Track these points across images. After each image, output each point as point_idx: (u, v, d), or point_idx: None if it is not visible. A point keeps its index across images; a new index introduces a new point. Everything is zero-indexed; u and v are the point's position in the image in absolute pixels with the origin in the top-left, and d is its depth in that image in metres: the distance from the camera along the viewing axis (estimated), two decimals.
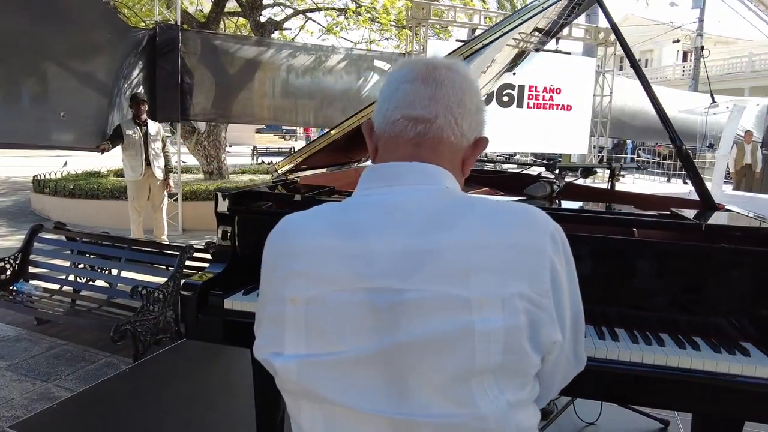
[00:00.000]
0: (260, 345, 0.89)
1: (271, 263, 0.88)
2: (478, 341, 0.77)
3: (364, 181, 0.91)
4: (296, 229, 0.88)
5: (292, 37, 11.55)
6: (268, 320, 0.88)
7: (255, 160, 16.47)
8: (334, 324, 0.80)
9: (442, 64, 0.92)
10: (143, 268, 4.14)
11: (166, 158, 6.08)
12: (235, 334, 1.77)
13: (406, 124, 0.89)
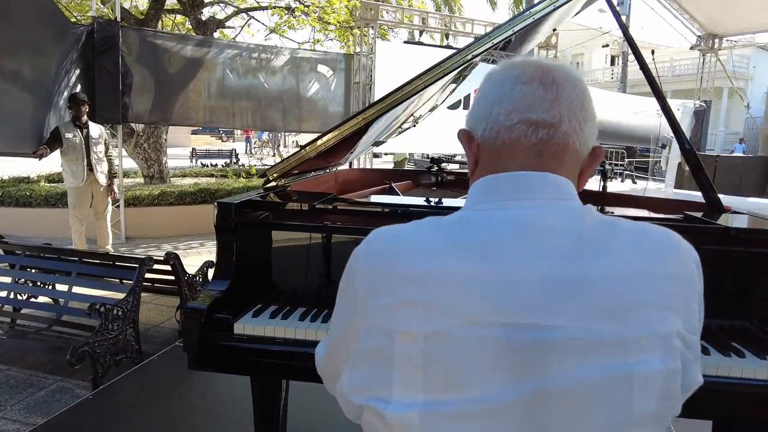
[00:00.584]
0: (353, 386, 0.75)
1: (369, 288, 0.75)
2: (637, 387, 0.67)
3: (482, 192, 0.80)
4: (406, 249, 0.75)
5: (233, 37, 11.18)
6: (364, 356, 0.74)
7: (194, 163, 15.86)
8: (462, 366, 0.67)
9: (554, 66, 0.81)
10: (93, 283, 3.83)
11: (110, 162, 5.68)
12: (248, 363, 1.59)
13: (525, 129, 0.78)
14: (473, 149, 0.84)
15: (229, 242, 1.70)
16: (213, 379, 3.17)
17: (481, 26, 10.47)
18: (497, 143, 0.80)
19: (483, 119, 0.81)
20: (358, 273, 0.77)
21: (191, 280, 4.06)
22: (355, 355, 0.76)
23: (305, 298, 1.74)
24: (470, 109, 0.86)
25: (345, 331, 0.81)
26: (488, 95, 0.82)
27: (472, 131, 0.84)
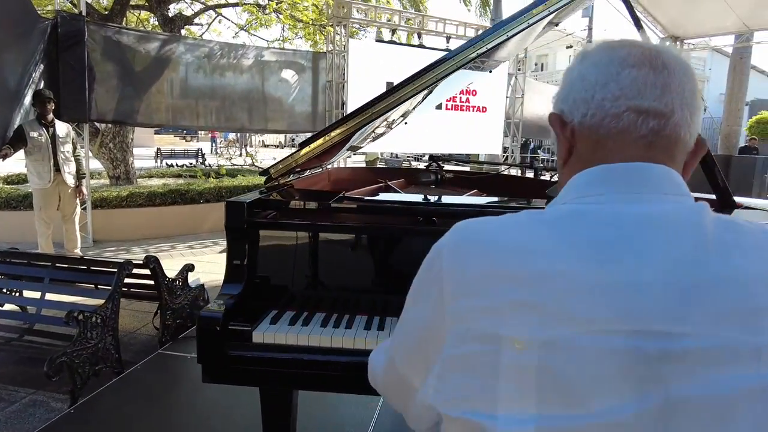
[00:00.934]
0: (444, 396, 0.68)
1: (461, 288, 0.67)
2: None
3: (591, 184, 0.72)
4: (509, 246, 0.67)
5: (200, 34, 10.92)
6: (457, 362, 0.66)
7: (159, 163, 15.43)
8: (581, 377, 0.60)
9: (663, 49, 0.74)
10: (67, 289, 3.64)
11: (78, 162, 5.42)
12: (268, 373, 1.48)
13: (635, 119, 0.71)
14: (566, 135, 0.77)
15: (240, 243, 1.59)
16: (200, 388, 3.03)
17: (452, 26, 10.50)
18: (600, 132, 0.73)
19: (582, 103, 0.74)
20: (445, 271, 0.70)
21: (171, 285, 3.89)
22: (444, 362, 0.68)
23: (321, 302, 1.64)
24: (561, 92, 0.78)
25: (423, 335, 0.73)
26: (588, 77, 0.74)
27: (566, 115, 0.76)
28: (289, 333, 1.46)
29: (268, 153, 17.30)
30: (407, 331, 0.78)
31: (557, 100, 0.79)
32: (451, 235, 0.73)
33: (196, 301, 4.19)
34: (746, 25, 12.16)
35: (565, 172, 0.78)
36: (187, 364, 3.35)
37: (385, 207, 1.78)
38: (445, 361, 0.68)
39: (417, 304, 0.76)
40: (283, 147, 35.00)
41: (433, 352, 0.70)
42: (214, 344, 1.44)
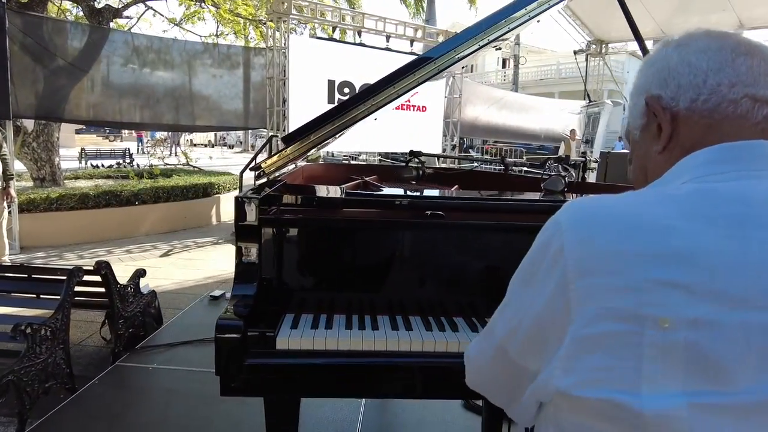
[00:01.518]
0: (579, 377, 0.65)
1: (588, 265, 0.65)
2: None
3: (716, 162, 0.72)
4: (644, 222, 0.65)
5: (129, 27, 10.36)
6: (590, 342, 0.64)
7: (84, 164, 14.51)
8: (729, 355, 0.60)
9: (758, 42, 0.77)
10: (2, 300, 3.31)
11: (3, 162, 4.97)
12: (293, 382, 1.36)
13: (751, 106, 0.72)
14: (663, 118, 0.77)
15: (252, 242, 1.46)
16: (169, 403, 2.83)
17: (392, 25, 10.52)
18: (715, 116, 0.74)
19: (692, 88, 0.75)
20: (567, 249, 0.67)
21: (123, 291, 3.63)
22: (574, 343, 0.65)
23: (336, 303, 1.54)
24: (655, 77, 0.79)
25: (542, 318, 0.70)
26: (697, 63, 0.75)
27: (664, 101, 0.77)
28: (316, 338, 1.35)
29: (199, 152, 16.66)
30: (521, 316, 0.75)
31: (647, 86, 0.80)
32: (568, 212, 0.71)
33: (147, 308, 3.93)
34: (663, 31, 12.90)
35: (663, 158, 0.78)
36: (150, 376, 3.12)
37: (425, 203, 1.68)
38: (575, 341, 0.65)
39: (531, 286, 0.73)
40: (213, 146, 33.92)
41: (555, 333, 0.68)
42: (235, 354, 1.31)
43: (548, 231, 0.72)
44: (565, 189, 2.11)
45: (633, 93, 0.84)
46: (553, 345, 0.68)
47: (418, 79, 1.96)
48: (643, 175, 0.83)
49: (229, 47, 9.74)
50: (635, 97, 0.83)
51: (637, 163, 0.85)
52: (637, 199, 0.69)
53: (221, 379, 1.34)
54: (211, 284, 5.44)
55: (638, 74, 0.84)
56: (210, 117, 9.23)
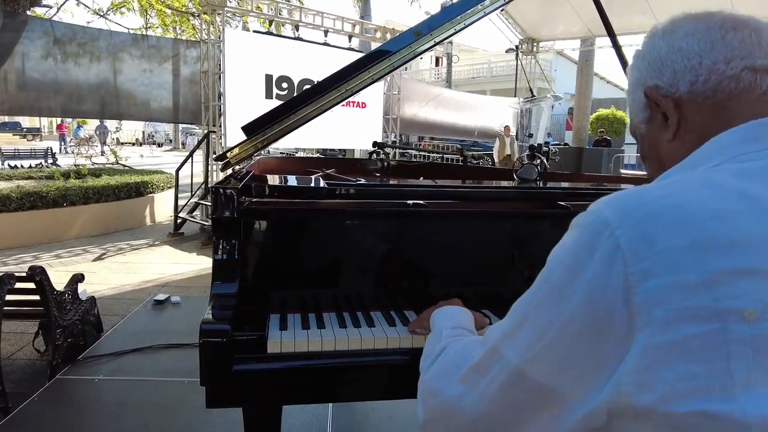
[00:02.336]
0: (660, 392, 0.57)
1: (663, 264, 0.58)
2: None
3: (745, 142, 0.69)
4: (705, 210, 0.60)
5: (49, 16, 9.70)
6: (672, 350, 0.57)
7: (1, 164, 13.46)
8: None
9: (743, 14, 0.77)
10: None
11: None
12: (286, 387, 1.25)
13: (753, 77, 0.71)
14: (666, 106, 0.76)
15: (232, 236, 1.33)
16: (121, 416, 2.61)
17: (330, 19, 10.40)
18: (718, 95, 0.73)
19: (688, 72, 0.74)
20: (625, 249, 0.59)
21: (60, 299, 3.34)
22: (647, 354, 0.58)
23: (324, 299, 1.44)
24: (649, 69, 0.79)
25: (589, 331, 0.62)
26: (688, 47, 0.75)
27: (663, 89, 0.76)
28: (311, 339, 1.25)
29: (128, 151, 15.85)
30: (554, 333, 0.65)
31: (643, 79, 0.80)
32: (614, 207, 0.63)
33: (86, 316, 3.65)
34: (591, 31, 13.48)
35: (676, 145, 0.76)
36: (97, 388, 2.87)
37: (419, 192, 1.60)
38: (648, 351, 0.58)
39: (566, 299, 0.64)
40: (141, 145, 32.45)
41: (609, 347, 0.60)
42: (222, 361, 1.18)
43: (590, 229, 0.64)
44: (537, 178, 2.09)
45: (630, 89, 0.83)
46: (604, 358, 0.61)
47: (392, 63, 1.90)
48: (659, 167, 0.79)
49: (159, 39, 9.33)
50: (633, 93, 0.82)
51: (652, 156, 0.82)
52: (684, 187, 0.64)
53: (207, 390, 1.21)
54: (151, 288, 5.16)
55: (631, 70, 0.83)
56: (137, 111, 8.81)
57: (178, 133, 30.70)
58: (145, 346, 3.38)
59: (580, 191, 1.87)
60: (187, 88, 9.44)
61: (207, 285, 4.61)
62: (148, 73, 8.88)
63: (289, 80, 9.73)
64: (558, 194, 1.77)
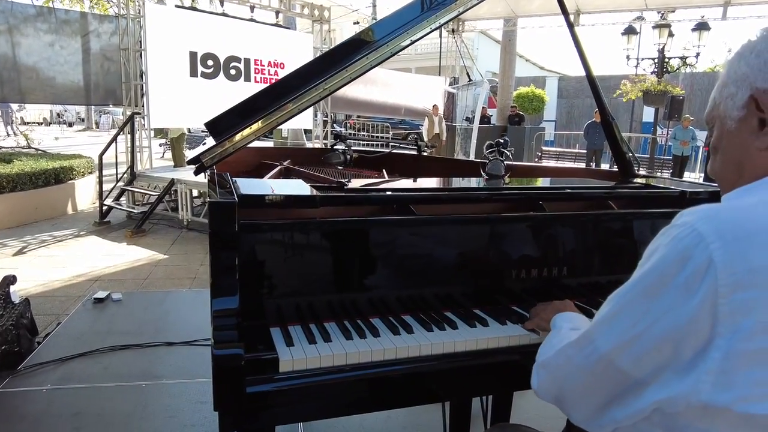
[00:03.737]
0: (740, 394, 0.66)
1: (753, 279, 0.65)
2: None
3: None
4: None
5: None
6: (755, 357, 0.65)
7: None
8: None
9: None
10: None
11: None
12: (303, 405, 1.24)
13: None
14: (750, 107, 0.79)
15: (231, 250, 1.29)
16: (78, 425, 2.48)
17: None
18: None
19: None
20: (719, 263, 0.65)
21: None
22: (730, 358, 0.65)
23: (323, 309, 1.43)
24: (765, 69, 0.77)
25: (675, 331, 0.69)
26: None
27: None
28: (323, 354, 1.23)
29: (38, 132, 14.63)
30: (643, 327, 0.72)
31: (753, 77, 0.79)
32: (710, 223, 0.69)
33: (20, 320, 3.41)
34: (513, 11, 13.82)
35: (766, 155, 0.78)
36: (45, 400, 2.70)
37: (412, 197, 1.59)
38: (732, 356, 0.65)
39: (659, 298, 0.71)
40: (50, 124, 30.13)
41: (691, 346, 0.68)
42: (237, 385, 1.15)
43: (685, 242, 0.69)
44: (505, 173, 2.15)
45: (732, 80, 0.81)
46: (684, 356, 0.68)
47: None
48: (736, 170, 0.82)
49: (67, 11, 8.66)
50: (735, 86, 0.81)
51: (730, 156, 0.83)
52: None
53: (221, 415, 1.17)
54: (83, 283, 4.89)
55: (738, 60, 0.81)
56: (41, 91, 8.18)
57: (90, 112, 28.75)
58: (93, 349, 3.20)
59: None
60: (100, 65, 8.86)
61: (142, 277, 4.47)
62: (55, 49, 8.24)
63: (215, 57, 9.35)
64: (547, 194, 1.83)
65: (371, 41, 1.80)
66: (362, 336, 1.34)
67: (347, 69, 1.69)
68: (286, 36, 11.20)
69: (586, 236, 1.71)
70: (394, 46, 1.77)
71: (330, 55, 1.87)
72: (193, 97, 8.86)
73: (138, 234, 6.69)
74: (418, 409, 2.57)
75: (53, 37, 8.38)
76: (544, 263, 1.62)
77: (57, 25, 8.46)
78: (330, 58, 1.81)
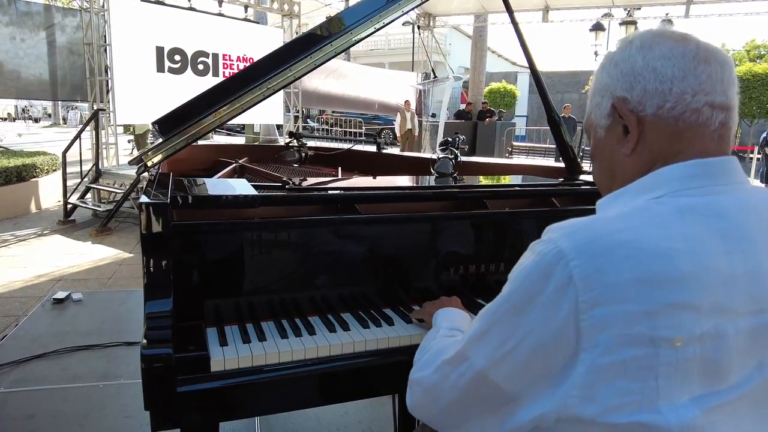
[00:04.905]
0: (605, 405, 0.68)
1: (602, 295, 0.67)
2: None
3: (691, 178, 0.77)
4: (651, 247, 0.69)
5: None
6: (609, 370, 0.68)
7: None
8: (726, 358, 0.70)
9: (711, 44, 0.82)
10: None
11: None
12: (231, 405, 1.26)
13: (710, 113, 0.79)
14: (630, 121, 0.81)
15: (162, 252, 1.30)
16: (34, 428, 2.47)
17: None
18: (679, 124, 0.79)
19: (658, 95, 0.79)
20: (578, 279, 0.68)
21: None
22: (592, 372, 0.68)
23: (260, 308, 1.46)
24: (621, 80, 0.82)
25: (542, 347, 0.72)
26: (663, 70, 0.79)
27: (631, 104, 0.81)
28: (256, 354, 1.27)
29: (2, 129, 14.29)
30: (514, 344, 0.75)
31: (613, 86, 0.83)
32: (570, 240, 0.71)
33: None
34: (484, 7, 13.91)
35: (632, 161, 0.82)
36: (1, 402, 2.68)
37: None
38: (593, 370, 0.68)
39: (526, 314, 0.73)
40: (15, 120, 29.39)
41: (559, 360, 0.71)
42: (166, 385, 1.18)
43: (546, 258, 0.72)
44: (454, 172, 2.20)
45: (597, 90, 0.86)
46: (553, 371, 0.71)
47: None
48: (609, 177, 0.87)
49: (28, 3, 8.45)
50: (599, 96, 0.85)
51: (604, 164, 0.88)
52: (632, 223, 0.72)
53: (151, 415, 1.20)
54: (45, 283, 4.82)
55: (601, 72, 0.86)
56: (7, 87, 8.00)
57: (57, 107, 28.14)
58: (50, 350, 3.17)
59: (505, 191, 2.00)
60: (66, 59, 8.68)
61: (106, 276, 4.44)
62: (17, 42, 8.05)
63: (182, 53, 9.26)
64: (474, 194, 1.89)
65: (326, 35, 1.83)
66: (298, 334, 1.37)
67: (298, 64, 1.71)
68: (255, 31, 11.12)
69: (521, 233, 1.77)
70: (343, 43, 1.80)
71: (281, 52, 1.90)
72: (161, 92, 8.76)
73: (103, 232, 6.61)
74: (374, 402, 2.62)
75: (14, 30, 8.18)
76: (481, 260, 1.67)
77: (18, 17, 8.25)
78: (280, 55, 1.83)
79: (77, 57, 8.66)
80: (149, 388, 1.18)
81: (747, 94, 16.44)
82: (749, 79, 16.48)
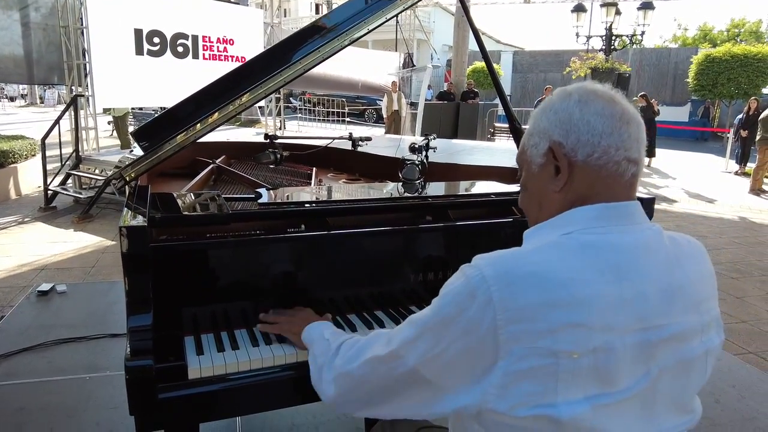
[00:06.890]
0: (512, 402, 0.85)
1: (516, 315, 0.84)
2: (708, 358, 0.96)
3: (599, 219, 0.94)
4: (557, 277, 0.86)
5: None
6: (520, 375, 0.84)
7: None
8: (615, 366, 0.85)
9: (629, 105, 0.99)
10: None
11: None
12: (207, 409, 1.40)
13: (626, 166, 0.96)
14: (562, 164, 0.96)
15: (143, 271, 1.42)
16: (23, 420, 2.58)
17: None
18: (602, 172, 0.95)
19: (589, 146, 0.94)
20: (496, 301, 0.84)
21: None
22: (507, 376, 0.84)
23: (235, 318, 1.59)
24: (559, 126, 0.97)
25: (466, 355, 0.88)
26: (594, 125, 0.95)
27: (565, 149, 0.96)
28: (229, 362, 1.40)
29: None
30: (444, 347, 0.90)
31: (550, 131, 0.98)
32: (493, 268, 0.87)
33: None
34: None
35: (559, 197, 0.99)
36: None
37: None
38: (508, 374, 0.84)
39: (455, 324, 0.88)
40: None
41: (480, 367, 0.86)
42: (148, 392, 1.30)
43: (472, 282, 0.87)
44: (420, 177, 2.32)
45: (535, 131, 1.01)
46: (478, 371, 0.87)
47: None
48: (537, 207, 1.03)
49: None
50: (537, 137, 1.01)
51: (534, 196, 1.04)
52: (542, 256, 0.89)
53: (136, 419, 1.33)
54: (28, 273, 4.90)
55: (541, 115, 1.01)
56: None
57: (34, 87, 27.61)
58: (36, 344, 3.28)
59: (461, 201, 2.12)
60: (42, 41, 8.56)
61: (90, 265, 4.51)
62: None
63: (161, 35, 9.19)
64: None
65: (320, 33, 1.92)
66: (268, 342, 1.51)
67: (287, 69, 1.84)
68: (235, 11, 11.02)
69: (480, 241, 1.91)
70: (329, 50, 1.91)
71: (269, 54, 1.99)
72: (140, 75, 8.71)
73: (85, 219, 6.66)
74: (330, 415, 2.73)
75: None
76: (442, 268, 1.81)
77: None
78: (268, 58, 1.93)
79: (53, 38, 8.54)
80: (133, 395, 1.31)
81: (725, 75, 16.61)
82: (728, 60, 16.63)
